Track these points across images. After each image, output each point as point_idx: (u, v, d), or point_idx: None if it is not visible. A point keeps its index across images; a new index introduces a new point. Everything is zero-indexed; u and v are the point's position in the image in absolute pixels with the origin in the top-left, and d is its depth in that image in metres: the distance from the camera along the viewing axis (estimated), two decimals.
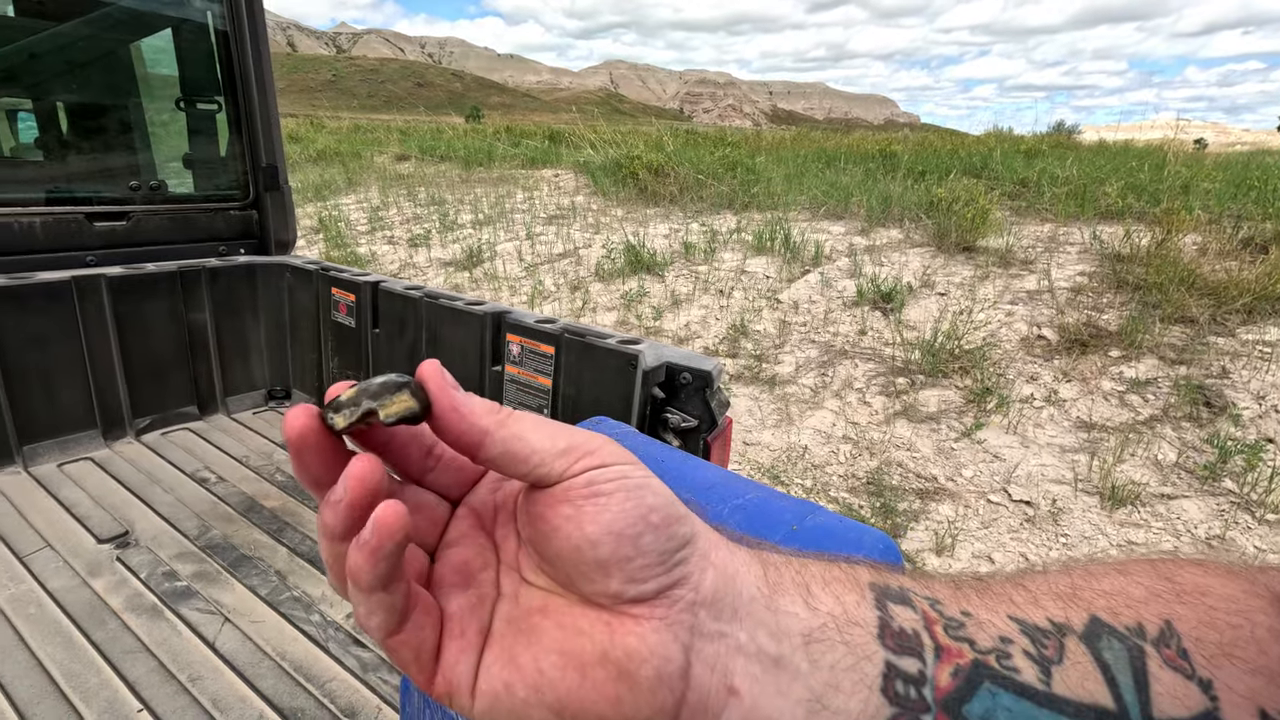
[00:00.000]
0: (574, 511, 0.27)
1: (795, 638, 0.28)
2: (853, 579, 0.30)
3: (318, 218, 8.29)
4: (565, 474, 0.28)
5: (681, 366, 1.27)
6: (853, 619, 0.28)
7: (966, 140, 11.24)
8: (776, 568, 0.30)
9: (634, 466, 0.29)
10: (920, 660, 0.27)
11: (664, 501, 0.28)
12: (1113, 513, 2.95)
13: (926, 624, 0.28)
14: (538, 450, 0.28)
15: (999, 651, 0.27)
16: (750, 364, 4.42)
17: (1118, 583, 0.29)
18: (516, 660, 0.28)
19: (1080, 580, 0.30)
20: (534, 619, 0.29)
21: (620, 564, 0.27)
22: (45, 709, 1.05)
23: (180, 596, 1.31)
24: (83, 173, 2.01)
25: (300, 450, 0.28)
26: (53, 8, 1.91)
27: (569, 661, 0.27)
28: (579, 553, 0.27)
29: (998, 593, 0.30)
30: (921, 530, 2.92)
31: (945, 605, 0.29)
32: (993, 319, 4.42)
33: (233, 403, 2.15)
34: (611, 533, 0.27)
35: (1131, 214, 5.57)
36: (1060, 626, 0.28)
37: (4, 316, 1.67)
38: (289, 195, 2.25)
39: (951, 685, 0.27)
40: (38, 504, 1.59)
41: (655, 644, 0.27)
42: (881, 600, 0.29)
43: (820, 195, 7.06)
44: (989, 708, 0.26)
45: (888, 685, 0.27)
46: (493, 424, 0.29)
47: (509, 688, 0.27)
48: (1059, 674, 0.26)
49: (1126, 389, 3.69)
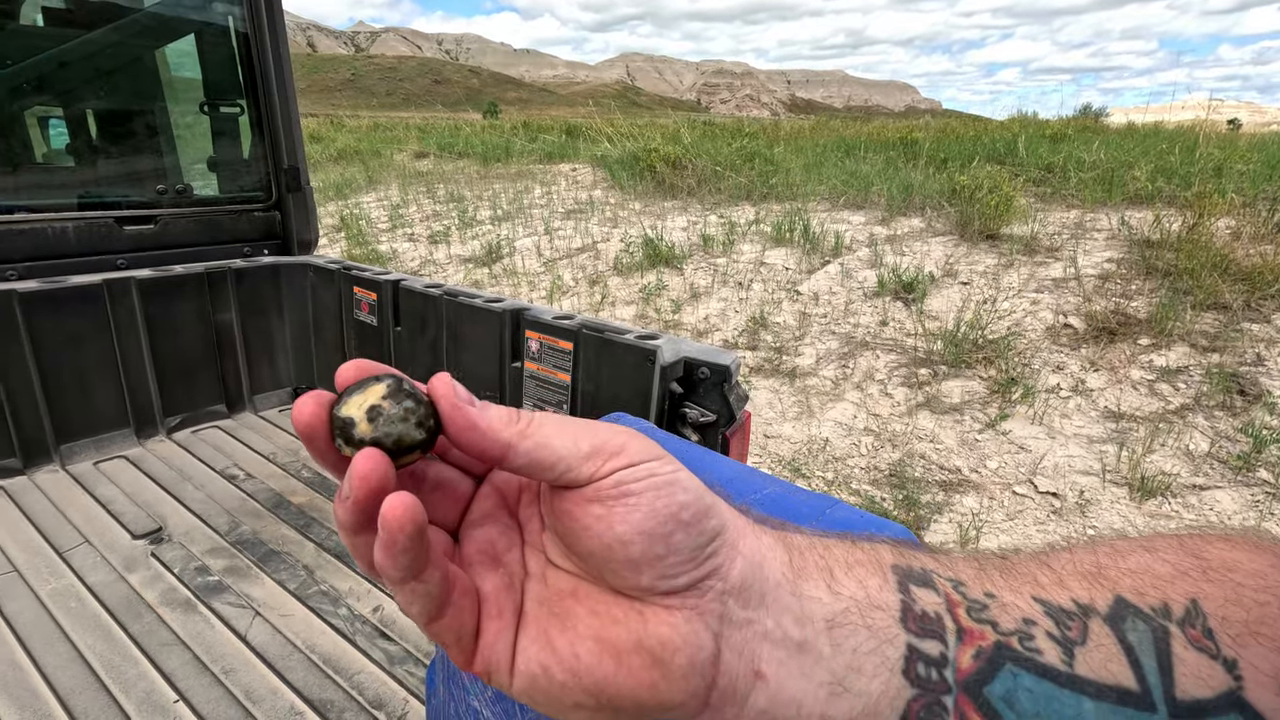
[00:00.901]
0: (604, 511, 0.28)
1: (818, 622, 0.28)
2: (876, 561, 0.30)
3: (339, 216, 8.39)
4: (593, 476, 0.28)
5: (699, 361, 1.27)
6: (875, 603, 0.29)
7: (990, 126, 11.04)
8: (800, 552, 0.31)
9: (662, 462, 0.29)
10: (942, 643, 0.28)
11: (693, 497, 0.28)
12: (1142, 504, 2.90)
13: (949, 606, 0.28)
14: (564, 457, 0.28)
15: (1021, 633, 0.27)
16: (770, 356, 4.40)
17: (1144, 560, 0.29)
18: (553, 644, 0.28)
19: (1106, 558, 0.29)
20: (566, 603, 0.29)
21: (652, 562, 0.27)
22: (86, 699, 1.08)
23: (212, 591, 1.34)
24: (111, 177, 2.05)
25: (311, 438, 0.28)
26: (81, 16, 1.95)
27: (605, 648, 0.28)
28: (610, 551, 0.28)
29: (1022, 572, 0.30)
30: (945, 522, 2.89)
31: (968, 587, 0.29)
32: (1017, 308, 4.35)
33: (259, 401, 2.19)
34: (643, 532, 0.27)
35: (1161, 198, 5.44)
36: (1084, 608, 0.28)
37: (40, 320, 1.71)
38: (310, 196, 2.28)
39: (973, 667, 0.27)
40: (75, 501, 1.63)
41: (688, 633, 0.27)
42: (904, 583, 0.29)
43: (840, 185, 6.99)
44: (1010, 689, 0.26)
45: (909, 668, 0.27)
46: (514, 436, 0.29)
47: (546, 670, 0.28)
48: (1082, 655, 0.27)
49: (1156, 378, 3.62)
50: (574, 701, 0.28)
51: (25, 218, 1.78)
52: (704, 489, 0.29)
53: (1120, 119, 11.24)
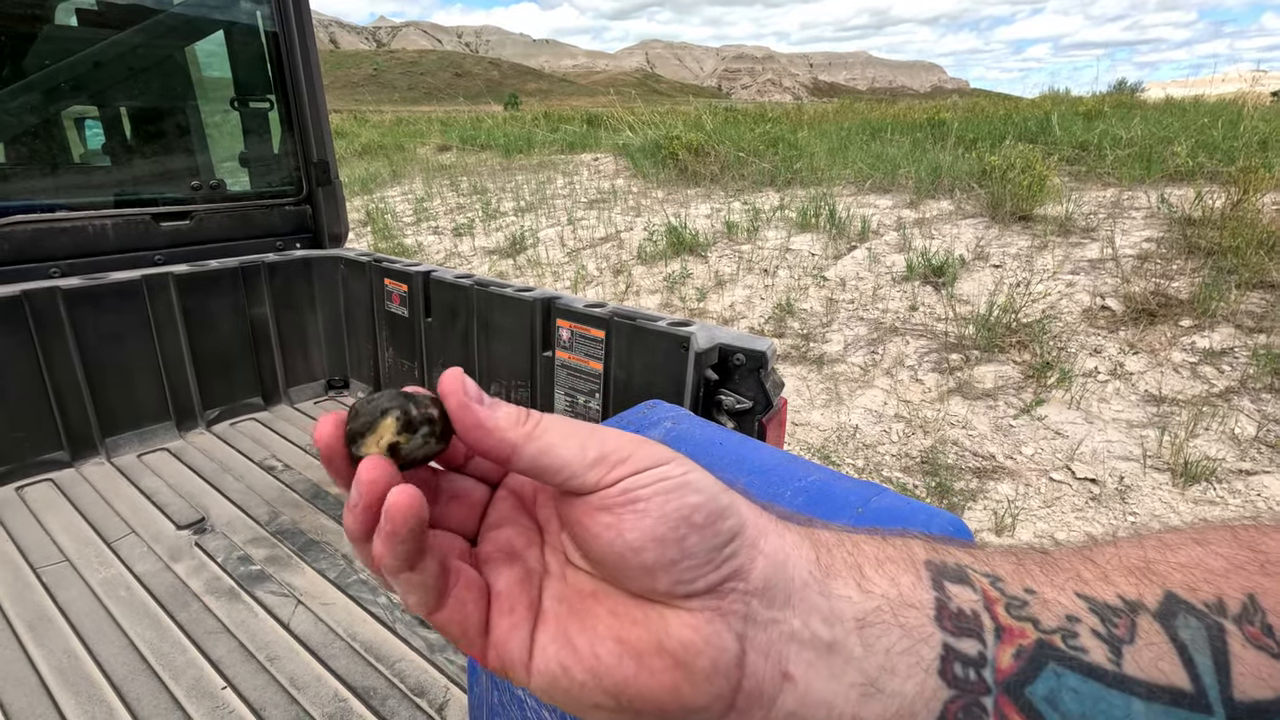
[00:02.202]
0: (613, 519, 0.27)
1: (848, 622, 0.28)
2: (908, 558, 0.29)
3: (365, 210, 8.47)
4: (599, 484, 0.28)
5: (734, 347, 1.25)
6: (907, 601, 0.28)
7: (1020, 104, 10.76)
8: (828, 549, 0.30)
9: (672, 465, 0.28)
10: (980, 641, 0.27)
11: (706, 498, 0.28)
12: (1185, 490, 2.82)
13: (987, 604, 0.27)
14: (569, 463, 0.28)
15: (1065, 631, 0.26)
16: (797, 343, 4.36)
17: (1195, 554, 0.27)
18: (573, 643, 0.28)
19: (1154, 552, 0.28)
20: (586, 602, 0.29)
21: (667, 567, 0.27)
22: (139, 686, 1.11)
23: (255, 580, 1.37)
24: (147, 175, 2.09)
25: (330, 458, 0.29)
26: (112, 17, 1.98)
27: (625, 650, 0.27)
28: (622, 559, 0.27)
29: (1064, 567, 0.28)
30: (980, 510, 2.85)
31: (1007, 583, 0.28)
32: (1052, 290, 4.24)
33: (295, 393, 2.23)
34: (654, 538, 0.27)
35: (1203, 174, 5.26)
36: (1132, 604, 0.26)
37: (83, 316, 1.75)
38: (340, 189, 2.30)
39: (1014, 667, 0.26)
40: (121, 493, 1.68)
41: (709, 635, 0.27)
42: (938, 580, 0.28)
43: (866, 168, 6.87)
44: (1053, 689, 0.25)
45: (945, 668, 0.26)
46: (520, 437, 0.28)
47: (566, 670, 0.28)
48: (1130, 654, 0.25)
49: (1199, 360, 3.51)
50: (594, 702, 0.27)
51: (66, 216, 1.82)
52: (720, 489, 0.29)
53: (1158, 93, 10.88)
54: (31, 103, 1.88)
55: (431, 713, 1.07)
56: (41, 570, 1.38)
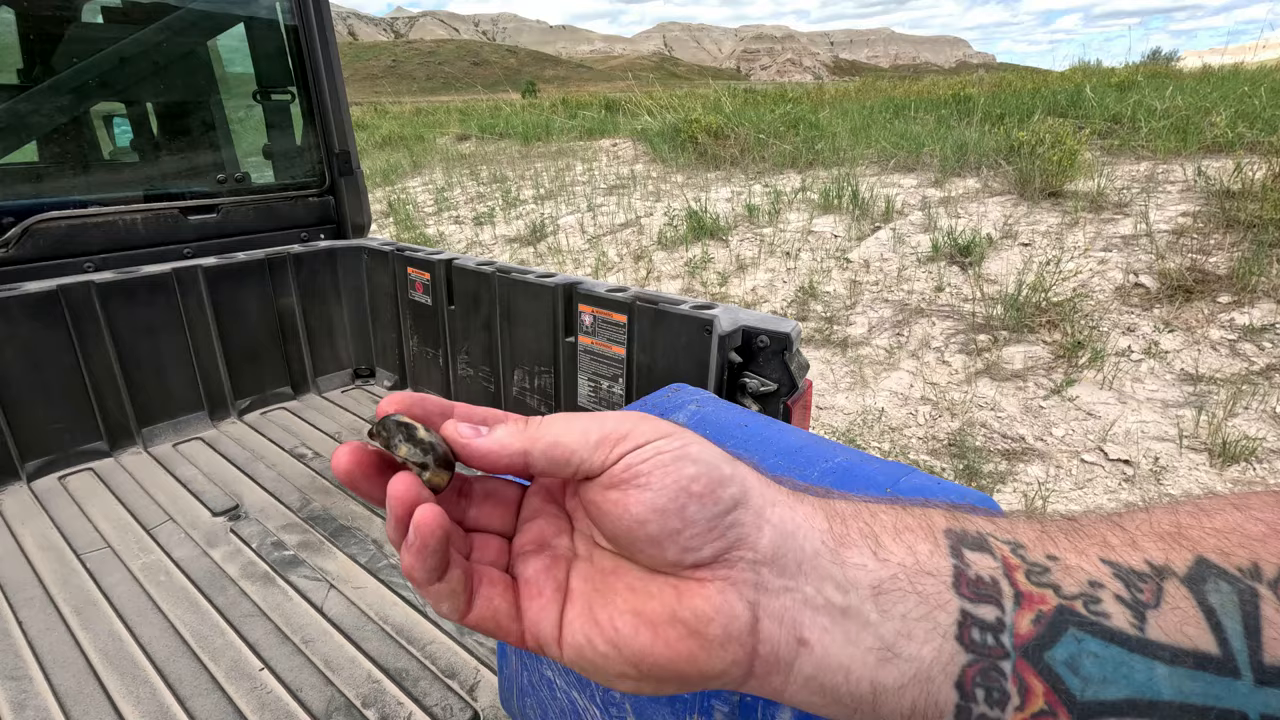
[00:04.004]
0: (620, 495, 0.29)
1: (863, 589, 0.28)
2: (927, 526, 0.30)
3: (387, 202, 8.54)
4: (605, 464, 0.30)
5: (758, 329, 1.24)
6: (924, 568, 0.28)
7: (1050, 77, 10.47)
8: (843, 519, 0.30)
9: (669, 439, 0.30)
10: (998, 607, 0.27)
11: (704, 468, 0.29)
12: (1224, 470, 2.75)
13: (1006, 570, 0.28)
14: (575, 449, 0.30)
15: (1087, 596, 0.26)
16: (821, 326, 4.32)
17: (1233, 519, 0.27)
18: (595, 617, 0.30)
19: (1188, 518, 0.28)
20: (608, 579, 0.31)
21: (671, 536, 0.28)
22: (180, 667, 1.14)
23: (289, 565, 1.40)
24: (174, 171, 2.12)
25: (353, 485, 0.31)
26: (136, 13, 2.00)
27: (641, 621, 0.29)
28: (631, 532, 0.29)
29: (1090, 534, 0.28)
30: (1009, 492, 2.80)
31: (1028, 549, 0.28)
32: (1083, 268, 4.14)
33: (322, 382, 2.26)
34: (655, 510, 0.28)
35: (1243, 145, 5.08)
36: (1159, 569, 0.26)
37: (117, 309, 1.79)
38: (361, 179, 2.32)
39: (1033, 632, 0.26)
40: (158, 481, 1.72)
41: (720, 604, 0.28)
42: (957, 548, 0.29)
43: (889, 147, 6.75)
44: (1074, 653, 0.25)
45: (963, 633, 0.27)
46: (526, 442, 0.31)
47: (590, 641, 0.30)
48: (1154, 618, 0.25)
49: (1239, 337, 3.41)
50: (618, 671, 0.29)
51: (98, 211, 1.85)
52: (722, 459, 0.30)
53: (1194, 62, 10.50)
54: (62, 102, 1.91)
55: (462, 693, 1.09)
56: (85, 556, 1.42)
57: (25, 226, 1.74)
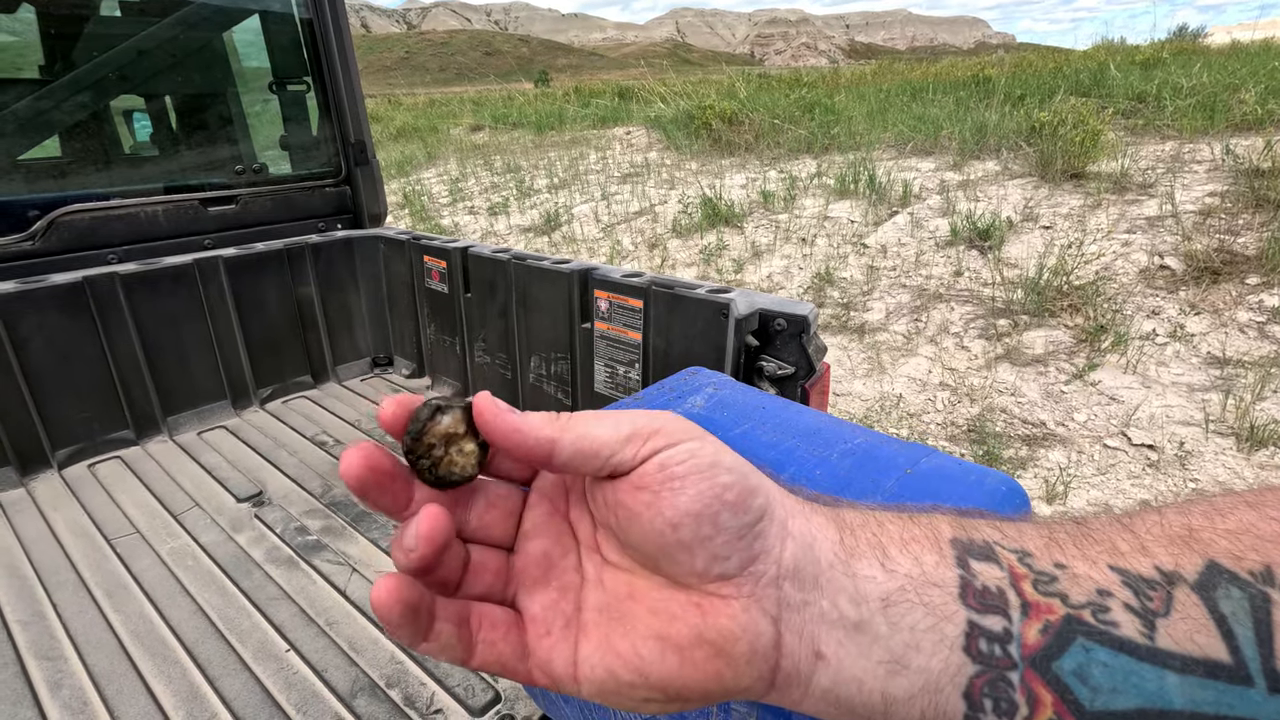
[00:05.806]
0: (652, 498, 0.28)
1: (874, 601, 0.28)
2: (933, 536, 0.30)
3: (402, 193, 8.58)
4: (636, 459, 0.29)
5: (775, 313, 1.23)
6: (931, 580, 0.28)
7: (1071, 57, 10.24)
8: (852, 530, 0.31)
9: (702, 443, 0.29)
10: (1005, 618, 0.27)
11: (737, 477, 0.29)
12: (1251, 455, 2.70)
13: (1013, 580, 0.28)
14: (606, 443, 0.29)
15: (1095, 605, 0.26)
16: (837, 313, 4.29)
17: (1246, 519, 0.26)
18: (615, 648, 0.29)
19: (1200, 520, 0.27)
20: (625, 605, 0.30)
21: (702, 543, 0.28)
22: (209, 649, 1.17)
23: (312, 549, 1.42)
24: (193, 163, 2.15)
25: (364, 492, 0.30)
26: (154, 6, 2.02)
27: (666, 645, 0.28)
28: (662, 537, 0.28)
29: (1098, 539, 0.28)
30: (1030, 478, 2.78)
31: (1035, 558, 0.28)
32: (1106, 251, 4.07)
33: (341, 371, 2.28)
34: (690, 514, 0.28)
35: (1273, 122, 4.95)
36: (1169, 575, 0.26)
37: (140, 300, 1.82)
38: (377, 169, 2.33)
39: (1040, 642, 0.26)
40: (184, 468, 1.75)
41: (746, 621, 0.28)
42: (963, 558, 0.29)
43: (906, 130, 6.65)
44: (1082, 663, 0.25)
45: (970, 644, 0.27)
46: (556, 431, 0.30)
47: (612, 673, 0.29)
48: (1164, 627, 0.25)
49: (1267, 319, 3.33)
50: (644, 697, 0.29)
51: (120, 204, 1.88)
52: (749, 468, 0.30)
53: (1223, 38, 10.22)
54: (83, 97, 1.94)
55: (484, 675, 1.10)
56: (115, 541, 1.45)
57: (51, 219, 1.77)
